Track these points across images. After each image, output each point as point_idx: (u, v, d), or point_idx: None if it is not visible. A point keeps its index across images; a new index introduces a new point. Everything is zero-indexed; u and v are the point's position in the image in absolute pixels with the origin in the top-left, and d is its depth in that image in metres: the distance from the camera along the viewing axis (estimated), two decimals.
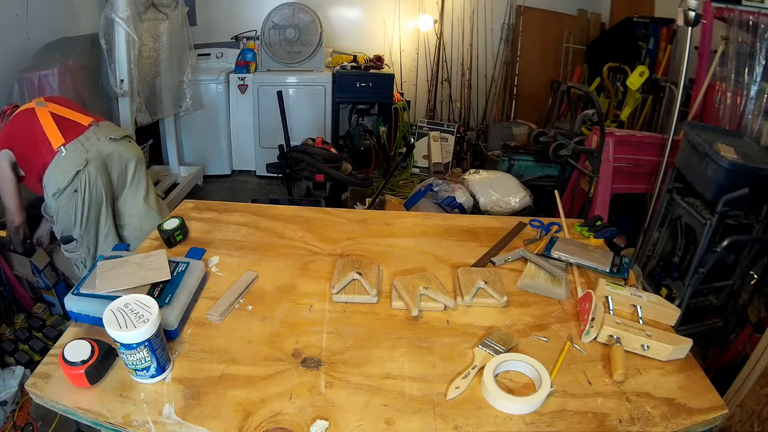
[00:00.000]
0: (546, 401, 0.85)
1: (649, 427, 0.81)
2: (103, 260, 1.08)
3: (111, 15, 2.74)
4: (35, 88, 2.61)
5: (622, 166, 2.75)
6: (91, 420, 0.82)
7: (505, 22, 4.51)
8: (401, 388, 0.88)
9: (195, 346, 0.96)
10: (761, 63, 2.31)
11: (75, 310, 0.99)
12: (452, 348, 0.97)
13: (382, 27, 4.45)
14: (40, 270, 2.19)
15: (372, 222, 1.45)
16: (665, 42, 3.59)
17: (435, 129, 4.46)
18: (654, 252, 2.39)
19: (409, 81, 4.66)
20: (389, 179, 3.46)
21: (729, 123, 2.43)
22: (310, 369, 0.91)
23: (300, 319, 1.04)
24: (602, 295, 1.07)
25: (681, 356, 0.96)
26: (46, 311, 2.26)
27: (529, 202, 3.04)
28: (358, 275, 1.11)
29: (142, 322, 0.82)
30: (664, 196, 2.26)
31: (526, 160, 3.45)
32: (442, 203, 3.00)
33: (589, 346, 0.98)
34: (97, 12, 3.10)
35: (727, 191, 1.85)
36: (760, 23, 2.30)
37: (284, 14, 3.90)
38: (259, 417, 0.81)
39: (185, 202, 1.55)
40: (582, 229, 1.41)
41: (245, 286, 1.12)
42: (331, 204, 2.76)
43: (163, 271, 1.04)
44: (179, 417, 0.81)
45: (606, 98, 3.93)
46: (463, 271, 1.16)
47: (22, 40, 2.80)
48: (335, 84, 3.99)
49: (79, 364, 0.83)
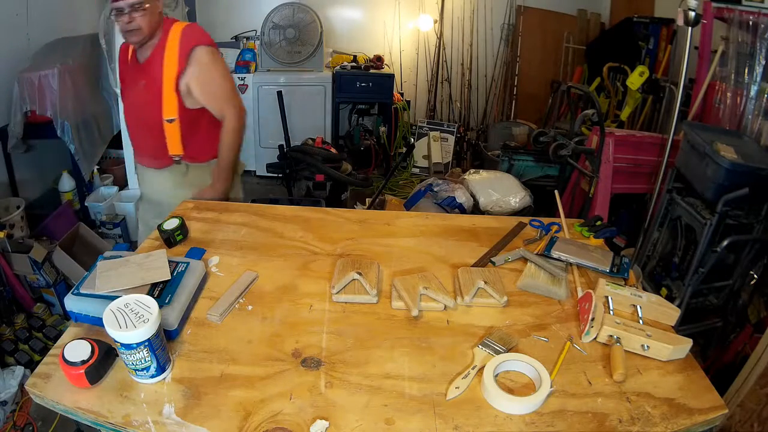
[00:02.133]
0: (546, 401, 0.85)
1: (649, 427, 0.81)
2: (102, 260, 1.08)
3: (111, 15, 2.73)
4: (35, 88, 2.61)
5: (622, 166, 2.74)
6: (91, 420, 0.82)
7: (505, 22, 4.52)
8: (401, 388, 0.88)
9: (195, 346, 0.96)
10: (761, 63, 2.31)
11: (75, 310, 0.99)
12: (452, 348, 0.97)
13: (382, 27, 4.45)
14: (39, 266, 2.19)
15: (372, 222, 1.45)
16: (665, 42, 3.59)
17: (435, 129, 4.46)
18: (654, 252, 2.39)
19: (409, 81, 4.66)
20: (389, 179, 3.46)
21: (729, 123, 2.43)
22: (310, 369, 0.91)
23: (300, 319, 1.04)
24: (602, 295, 1.07)
25: (681, 356, 0.96)
26: (46, 311, 2.26)
27: (529, 202, 3.04)
28: (358, 275, 1.11)
29: (142, 322, 0.82)
30: (664, 196, 2.26)
31: (526, 160, 3.45)
32: (442, 203, 3.00)
33: (589, 346, 0.98)
34: (97, 12, 3.11)
35: (727, 191, 1.86)
36: (760, 23, 2.30)
37: (284, 14, 3.90)
38: (259, 417, 0.81)
39: (185, 202, 1.55)
40: (582, 229, 1.41)
41: (245, 286, 1.12)
42: (331, 204, 2.76)
43: (163, 271, 1.04)
44: (179, 417, 0.81)
45: (606, 98, 3.93)
46: (463, 271, 1.16)
47: (22, 40, 2.80)
48: (335, 84, 3.99)
49: (79, 364, 0.83)
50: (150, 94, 1.64)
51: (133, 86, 1.72)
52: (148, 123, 1.69)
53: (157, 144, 1.71)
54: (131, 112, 1.81)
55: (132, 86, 1.73)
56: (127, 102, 1.80)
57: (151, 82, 1.64)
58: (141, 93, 1.68)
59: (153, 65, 1.63)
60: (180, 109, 1.65)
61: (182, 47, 1.61)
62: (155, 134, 1.69)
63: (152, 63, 1.64)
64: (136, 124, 1.79)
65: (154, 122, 1.67)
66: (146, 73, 1.66)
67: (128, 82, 1.76)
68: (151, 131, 1.69)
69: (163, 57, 1.61)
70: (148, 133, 1.71)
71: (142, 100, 1.69)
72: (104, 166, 3.43)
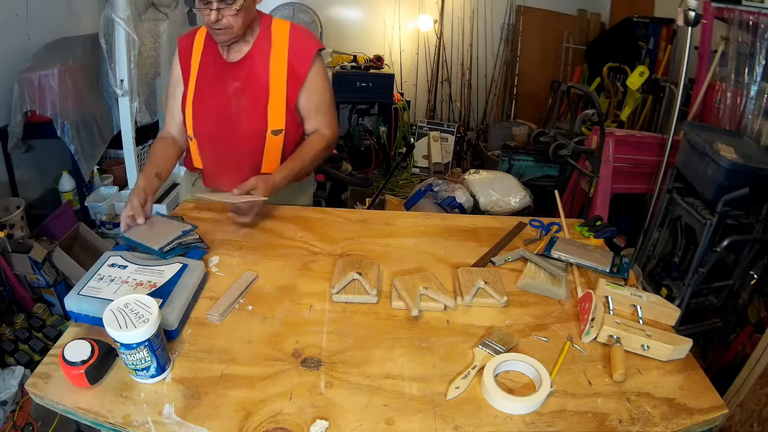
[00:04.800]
0: (546, 401, 0.85)
1: (649, 427, 0.81)
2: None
3: (111, 15, 2.74)
4: (35, 88, 2.61)
5: (622, 166, 2.74)
6: (91, 420, 0.82)
7: (505, 22, 4.52)
8: (401, 388, 0.88)
9: (195, 346, 0.96)
10: (761, 63, 2.31)
11: (75, 310, 0.99)
12: (452, 348, 0.97)
13: (382, 27, 4.44)
14: (39, 266, 2.19)
15: (372, 222, 1.45)
16: (665, 42, 3.59)
17: (435, 129, 4.46)
18: (654, 252, 2.39)
19: (409, 81, 4.66)
20: (389, 179, 3.46)
21: (729, 123, 2.43)
22: (310, 369, 0.91)
23: (300, 319, 1.04)
24: (602, 295, 1.07)
25: (681, 356, 0.96)
26: (46, 311, 2.25)
27: (529, 202, 3.05)
28: (358, 275, 1.11)
29: (142, 322, 0.82)
30: (664, 196, 2.27)
31: (526, 160, 3.45)
32: (442, 203, 3.01)
33: (589, 346, 0.98)
34: (97, 12, 3.10)
35: (727, 191, 1.86)
36: (760, 23, 2.30)
37: (284, 14, 3.90)
38: (259, 417, 0.81)
39: (185, 202, 1.55)
40: (582, 229, 1.41)
41: (245, 286, 1.12)
42: (331, 204, 2.76)
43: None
44: (179, 417, 0.81)
45: (606, 98, 3.93)
46: (463, 271, 1.16)
47: (22, 40, 2.80)
48: (335, 84, 3.99)
49: (79, 364, 0.82)
50: (251, 99, 1.41)
51: (218, 90, 1.43)
52: (244, 134, 1.44)
53: (251, 161, 1.46)
54: (213, 120, 1.45)
55: (216, 90, 1.43)
56: (208, 109, 1.45)
57: (252, 86, 1.40)
58: (234, 98, 1.42)
59: (253, 66, 1.40)
60: (289, 120, 1.43)
61: (300, 50, 1.41)
62: (253, 149, 1.45)
63: (251, 63, 1.40)
64: (220, 137, 1.46)
65: (253, 133, 1.43)
66: (242, 75, 1.41)
67: (208, 84, 1.44)
68: (247, 144, 1.44)
69: (269, 58, 1.39)
70: (242, 147, 1.45)
71: (236, 106, 1.42)
72: (104, 166, 3.43)
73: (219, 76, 1.43)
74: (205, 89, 1.44)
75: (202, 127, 1.47)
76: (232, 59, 1.42)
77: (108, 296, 0.97)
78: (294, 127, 1.47)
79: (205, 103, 1.45)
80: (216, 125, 1.45)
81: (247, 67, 1.41)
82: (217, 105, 1.43)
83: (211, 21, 1.29)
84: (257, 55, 1.40)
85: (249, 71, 1.41)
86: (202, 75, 1.44)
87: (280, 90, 1.40)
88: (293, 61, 1.41)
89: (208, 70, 1.43)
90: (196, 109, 1.45)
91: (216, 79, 1.43)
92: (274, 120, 1.42)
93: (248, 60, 1.41)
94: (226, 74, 1.42)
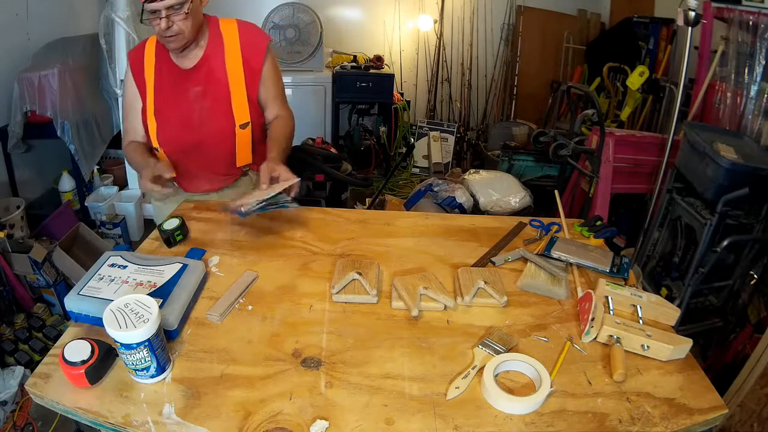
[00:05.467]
0: (546, 401, 0.85)
1: (649, 427, 0.81)
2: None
3: (111, 15, 2.74)
4: (35, 88, 2.62)
5: (622, 166, 2.74)
6: (91, 420, 0.82)
7: (505, 22, 4.51)
8: (401, 388, 0.88)
9: (195, 346, 0.96)
10: (761, 63, 2.31)
11: (75, 310, 0.99)
12: (452, 348, 0.97)
13: (382, 27, 4.44)
14: (39, 266, 2.19)
15: (372, 222, 1.45)
16: (665, 42, 3.59)
17: (435, 129, 4.46)
18: (654, 252, 2.39)
19: (409, 81, 4.66)
20: (389, 179, 3.46)
21: (729, 123, 2.43)
22: (310, 369, 0.91)
23: (300, 319, 1.04)
24: (602, 295, 1.07)
25: (681, 356, 0.96)
26: (46, 311, 2.26)
27: (529, 202, 3.05)
28: (358, 275, 1.11)
29: (142, 322, 0.82)
30: (664, 196, 2.27)
31: (526, 160, 3.45)
32: (442, 203, 3.01)
33: (589, 346, 0.98)
34: (97, 12, 3.11)
35: (727, 191, 1.86)
36: (760, 23, 2.30)
37: (284, 14, 3.90)
38: (259, 417, 0.81)
39: (185, 202, 1.55)
40: (582, 229, 1.41)
41: (245, 286, 1.12)
42: (331, 204, 2.76)
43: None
44: (179, 417, 0.81)
45: (606, 98, 3.93)
46: (463, 271, 1.16)
47: (22, 40, 2.80)
48: (335, 84, 3.99)
49: (79, 364, 0.82)
50: (213, 100, 1.45)
51: (178, 98, 1.46)
52: (214, 134, 1.48)
53: (224, 158, 1.53)
54: (177, 128, 1.48)
55: (177, 98, 1.46)
56: (171, 119, 1.47)
57: (214, 88, 1.44)
58: (196, 103, 1.46)
59: (211, 68, 1.44)
60: (252, 112, 1.50)
61: (252, 44, 1.46)
62: (224, 146, 1.50)
63: (208, 66, 1.44)
64: (190, 142, 1.49)
65: (222, 132, 1.48)
66: (202, 79, 1.44)
67: (166, 93, 1.46)
68: (218, 143, 1.50)
69: (224, 57, 1.44)
70: (213, 147, 1.50)
71: (199, 110, 1.46)
72: (104, 166, 3.43)
73: (176, 83, 1.46)
74: (165, 99, 1.46)
75: (167, 136, 1.49)
76: (188, 66, 1.46)
77: (108, 296, 0.97)
78: (257, 117, 1.54)
79: (167, 113, 1.47)
80: (182, 132, 1.48)
81: (205, 71, 1.45)
82: (179, 113, 1.47)
83: (162, 29, 1.32)
84: (212, 57, 1.45)
85: (207, 74, 1.45)
86: (159, 86, 1.46)
87: (239, 86, 1.46)
88: (248, 56, 1.46)
89: (164, 80, 1.46)
90: (159, 120, 1.47)
91: (174, 87, 1.46)
92: (240, 115, 1.48)
93: (204, 63, 1.45)
94: (185, 81, 1.45)
